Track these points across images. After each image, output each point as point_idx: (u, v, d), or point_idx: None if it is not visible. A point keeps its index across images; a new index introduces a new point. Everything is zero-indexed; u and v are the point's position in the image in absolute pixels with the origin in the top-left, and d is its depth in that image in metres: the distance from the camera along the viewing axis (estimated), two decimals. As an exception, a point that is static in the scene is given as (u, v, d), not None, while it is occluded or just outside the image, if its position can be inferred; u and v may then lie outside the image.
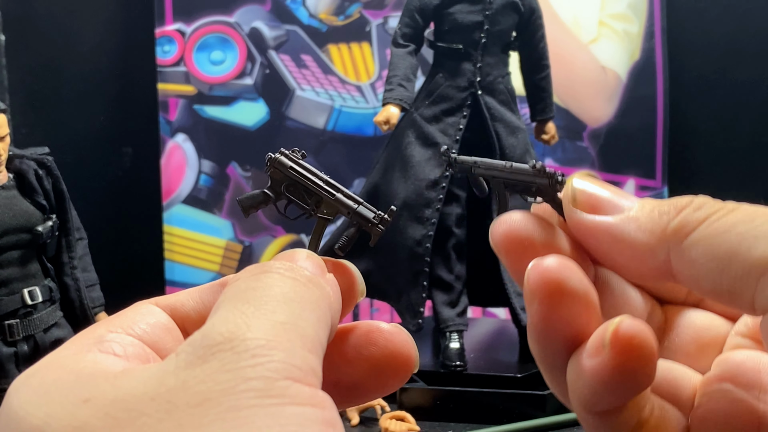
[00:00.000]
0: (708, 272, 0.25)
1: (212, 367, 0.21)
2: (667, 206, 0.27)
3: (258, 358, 0.21)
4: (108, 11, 1.80)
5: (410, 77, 1.44)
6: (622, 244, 0.27)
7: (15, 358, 1.08)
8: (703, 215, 0.25)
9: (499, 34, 1.41)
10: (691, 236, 0.25)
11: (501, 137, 1.39)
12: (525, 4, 1.40)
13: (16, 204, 1.10)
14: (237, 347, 0.21)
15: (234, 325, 0.22)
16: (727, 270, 0.24)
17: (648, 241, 0.26)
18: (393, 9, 1.82)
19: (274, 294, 0.24)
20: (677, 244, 0.26)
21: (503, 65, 1.43)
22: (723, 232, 0.25)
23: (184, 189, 1.77)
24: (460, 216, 1.42)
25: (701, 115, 1.89)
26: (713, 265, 0.25)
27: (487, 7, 1.39)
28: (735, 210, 0.25)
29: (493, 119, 1.40)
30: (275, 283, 0.24)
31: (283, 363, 0.21)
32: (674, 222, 0.26)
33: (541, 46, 1.44)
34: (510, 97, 1.42)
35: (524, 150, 1.40)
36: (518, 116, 1.43)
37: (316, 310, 0.24)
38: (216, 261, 1.78)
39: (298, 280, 0.25)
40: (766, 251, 0.23)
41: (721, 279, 0.25)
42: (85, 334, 0.25)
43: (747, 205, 0.25)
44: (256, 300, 0.23)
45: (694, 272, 0.25)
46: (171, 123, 1.77)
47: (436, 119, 1.42)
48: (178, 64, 1.76)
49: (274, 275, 0.25)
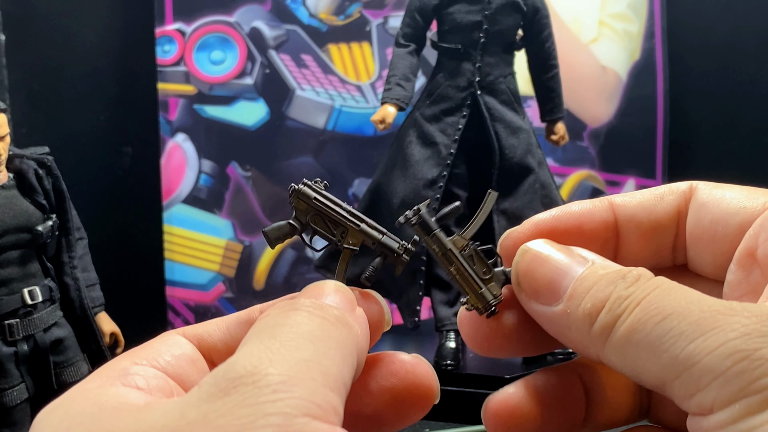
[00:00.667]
0: (630, 375, 0.26)
1: (233, 401, 0.21)
2: (590, 304, 0.26)
3: (278, 393, 0.21)
4: (108, 11, 1.80)
5: (409, 77, 1.45)
6: (560, 335, 0.28)
7: (15, 357, 1.08)
8: (612, 319, 0.26)
9: (499, 33, 1.41)
10: (607, 342, 0.26)
11: (501, 137, 1.39)
12: (528, 3, 1.39)
13: (16, 204, 1.10)
14: (258, 382, 0.21)
15: (257, 359, 0.22)
16: (642, 376, 0.25)
17: (581, 340, 0.27)
18: (393, 9, 1.82)
19: (300, 331, 0.24)
20: (600, 347, 0.26)
21: (505, 65, 1.42)
22: (625, 343, 0.25)
23: (184, 189, 1.77)
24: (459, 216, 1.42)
25: (701, 115, 1.89)
26: (630, 370, 0.25)
27: (486, 6, 1.39)
28: (634, 310, 0.25)
29: (492, 119, 1.39)
30: (303, 321, 0.24)
31: (303, 400, 0.21)
32: (595, 326, 0.26)
33: (547, 45, 1.43)
34: (513, 97, 1.42)
35: (526, 150, 1.39)
36: (522, 116, 1.42)
37: (342, 349, 0.24)
38: (216, 261, 1.78)
39: (326, 318, 0.25)
40: (659, 363, 0.24)
41: (642, 381, 0.25)
42: (111, 366, 0.25)
43: (651, 295, 0.25)
44: (282, 336, 0.23)
45: (620, 371, 0.26)
46: (171, 123, 1.76)
47: (436, 119, 1.43)
48: (178, 64, 1.76)
49: (303, 313, 0.25)
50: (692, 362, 0.23)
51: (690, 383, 0.23)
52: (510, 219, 1.37)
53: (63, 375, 1.13)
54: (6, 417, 1.07)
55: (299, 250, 1.81)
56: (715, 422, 0.22)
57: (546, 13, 1.41)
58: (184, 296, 1.77)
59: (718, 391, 0.22)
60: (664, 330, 0.24)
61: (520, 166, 1.38)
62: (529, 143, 1.40)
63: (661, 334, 0.24)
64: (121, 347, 1.25)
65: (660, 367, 0.24)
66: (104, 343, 1.20)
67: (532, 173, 1.38)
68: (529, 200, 1.38)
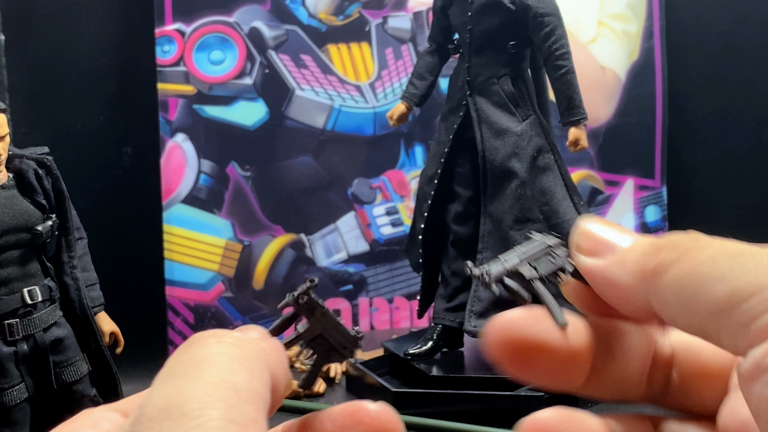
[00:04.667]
0: (680, 313, 0.26)
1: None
2: (650, 246, 0.27)
3: (196, 419, 0.21)
4: (108, 11, 1.80)
5: (424, 75, 1.49)
6: (610, 286, 0.29)
7: (15, 357, 1.08)
8: (675, 256, 0.26)
9: (484, 34, 1.38)
10: (663, 278, 0.26)
11: (484, 139, 1.37)
12: (516, 3, 1.34)
13: (16, 204, 1.10)
14: (173, 414, 0.21)
15: (166, 396, 0.22)
16: (694, 311, 0.25)
17: (631, 283, 0.27)
18: (392, 9, 1.82)
19: (200, 359, 0.24)
20: (654, 286, 0.26)
21: (499, 66, 1.38)
22: (688, 274, 0.25)
23: (184, 189, 1.77)
24: (459, 213, 1.43)
25: (700, 115, 1.90)
26: (683, 307, 0.26)
27: (469, 7, 1.39)
28: (704, 248, 0.26)
29: (479, 120, 1.38)
30: (200, 350, 0.25)
31: (221, 420, 0.21)
32: (652, 264, 0.27)
33: (547, 45, 1.35)
34: (507, 99, 1.37)
35: (510, 154, 1.35)
36: (517, 118, 1.37)
37: (247, 363, 0.24)
38: (216, 261, 1.78)
39: (223, 342, 0.25)
40: (724, 292, 0.24)
41: (690, 320, 0.25)
42: None
43: (720, 242, 0.26)
44: (183, 370, 0.23)
45: (669, 313, 0.26)
46: (171, 123, 1.77)
47: (444, 117, 1.47)
48: (178, 64, 1.77)
49: (198, 344, 0.25)
50: (764, 286, 0.23)
51: (756, 306, 0.23)
52: (494, 222, 1.37)
53: (63, 375, 1.14)
54: (6, 417, 1.07)
55: (299, 250, 1.81)
56: None
57: (543, 12, 1.34)
58: (184, 296, 1.77)
59: None
60: (738, 263, 0.24)
61: (501, 170, 1.35)
62: (517, 146, 1.34)
63: (734, 266, 0.24)
64: (120, 347, 1.25)
65: (726, 295, 0.24)
66: (104, 343, 1.20)
67: (515, 178, 1.34)
68: (510, 206, 1.34)
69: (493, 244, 1.36)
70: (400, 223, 1.84)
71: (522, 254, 0.32)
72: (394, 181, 1.84)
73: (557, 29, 1.35)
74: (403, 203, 1.84)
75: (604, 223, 0.30)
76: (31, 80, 1.75)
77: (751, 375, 0.23)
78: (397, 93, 1.81)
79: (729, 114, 1.88)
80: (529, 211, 1.33)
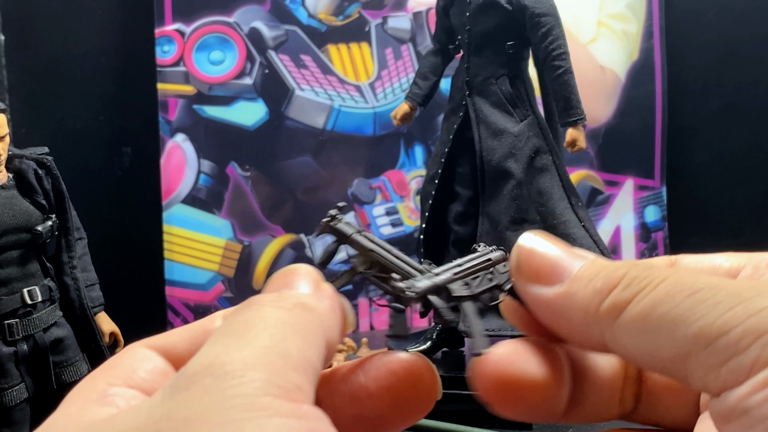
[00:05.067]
0: (640, 355, 0.25)
1: (194, 394, 0.21)
2: (601, 283, 0.26)
3: (238, 379, 0.21)
4: (108, 11, 1.80)
5: (427, 76, 1.50)
6: (559, 320, 0.27)
7: (15, 357, 1.08)
8: (629, 294, 0.25)
9: (482, 34, 1.38)
10: (618, 320, 0.25)
11: (482, 139, 1.37)
12: (513, 2, 1.34)
13: (16, 204, 1.10)
14: (216, 372, 0.21)
15: (214, 354, 0.22)
16: (656, 355, 0.24)
17: (582, 320, 0.26)
18: (392, 9, 1.82)
19: (255, 323, 0.24)
20: (608, 327, 0.25)
21: (497, 66, 1.38)
22: (645, 317, 0.24)
23: (184, 189, 1.77)
24: (460, 213, 1.43)
25: (700, 115, 1.90)
26: (642, 349, 0.24)
27: (467, 7, 1.39)
28: (658, 285, 0.24)
29: (477, 120, 1.38)
30: (257, 314, 0.25)
31: (264, 382, 0.21)
32: (605, 303, 0.25)
33: (544, 45, 1.34)
34: (505, 99, 1.37)
35: (506, 154, 1.34)
36: (514, 118, 1.37)
37: (302, 331, 0.24)
38: (215, 261, 1.78)
39: (282, 307, 0.25)
40: (686, 336, 0.23)
41: (652, 362, 0.24)
42: (86, 388, 0.25)
43: (675, 276, 0.24)
44: (237, 331, 0.24)
45: (628, 354, 0.25)
46: (170, 123, 1.77)
47: (446, 117, 1.47)
48: (178, 64, 1.77)
49: (256, 306, 0.25)
50: (730, 326, 0.22)
51: (725, 349, 0.22)
52: (491, 223, 1.37)
53: (63, 375, 1.14)
54: (6, 417, 1.07)
55: (298, 250, 1.81)
56: (756, 383, 0.21)
57: (539, 12, 1.33)
58: (184, 296, 1.77)
59: (761, 350, 0.21)
60: (696, 301, 0.23)
61: (498, 170, 1.35)
62: (513, 147, 1.34)
63: (692, 305, 0.23)
64: (120, 347, 1.25)
65: (687, 339, 0.23)
66: (104, 343, 1.20)
67: (511, 178, 1.34)
68: (506, 206, 1.34)
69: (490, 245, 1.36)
70: (400, 223, 1.84)
71: (457, 268, 0.30)
72: (394, 181, 1.84)
73: (554, 29, 1.34)
74: (403, 203, 1.84)
75: (547, 241, 0.28)
76: (31, 80, 1.75)
77: (727, 417, 0.22)
78: (397, 93, 1.81)
79: (729, 114, 1.87)
80: (526, 212, 1.33)
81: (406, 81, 1.81)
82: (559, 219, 1.31)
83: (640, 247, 1.87)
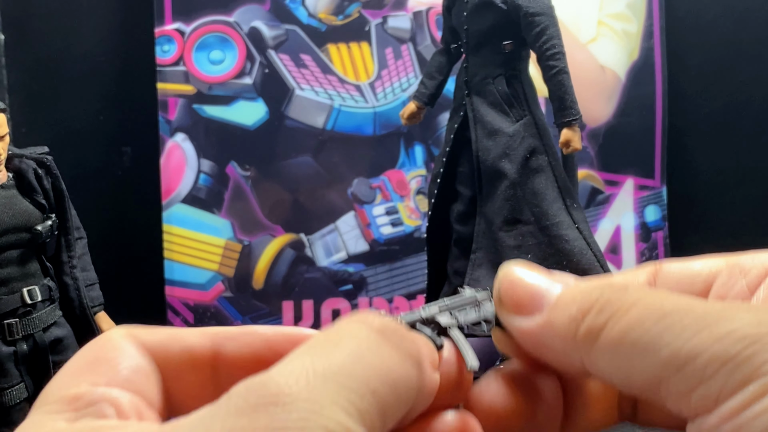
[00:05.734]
0: (618, 380, 0.25)
1: (261, 421, 0.20)
2: (575, 308, 0.26)
3: (307, 421, 0.20)
4: (108, 11, 1.80)
5: (433, 75, 1.51)
6: (542, 349, 0.27)
7: (14, 357, 1.08)
8: (603, 320, 0.25)
9: (479, 33, 1.39)
10: (594, 346, 0.25)
11: (478, 139, 1.38)
12: (508, 3, 1.34)
13: (16, 203, 1.10)
14: (289, 405, 0.21)
15: (294, 379, 0.21)
16: (631, 379, 0.24)
17: (563, 348, 0.26)
18: (392, 9, 1.82)
19: (347, 351, 0.23)
20: (586, 353, 0.25)
21: (494, 66, 1.38)
22: (617, 343, 0.24)
23: (184, 188, 1.77)
24: (461, 213, 1.44)
25: (700, 115, 1.90)
26: (618, 374, 0.25)
27: (464, 7, 1.40)
28: (629, 310, 0.24)
29: (475, 120, 1.39)
30: (351, 338, 0.23)
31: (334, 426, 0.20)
32: (580, 330, 0.25)
33: (538, 45, 1.33)
34: (502, 99, 1.37)
35: (500, 154, 1.34)
36: (510, 119, 1.37)
37: (389, 374, 0.23)
38: (215, 260, 1.78)
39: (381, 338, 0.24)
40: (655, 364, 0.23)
41: (629, 387, 0.25)
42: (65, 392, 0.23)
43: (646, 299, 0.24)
44: (326, 355, 0.22)
45: (606, 378, 0.25)
46: (170, 122, 1.77)
47: (450, 117, 1.49)
48: (178, 64, 1.77)
49: (353, 325, 0.24)
50: (697, 353, 0.22)
51: (693, 376, 0.22)
52: (486, 223, 1.37)
53: (62, 374, 1.14)
54: (5, 416, 1.07)
55: (298, 250, 1.81)
56: (723, 413, 0.21)
57: (533, 11, 1.32)
58: (184, 296, 1.77)
59: (726, 378, 0.21)
60: (665, 326, 0.23)
61: (492, 170, 1.35)
62: (508, 147, 1.34)
63: (661, 330, 0.23)
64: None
65: (658, 365, 0.23)
66: (103, 343, 1.20)
67: (505, 178, 1.34)
68: (499, 206, 1.34)
69: (486, 245, 1.36)
70: (399, 222, 1.84)
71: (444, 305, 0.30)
72: (394, 180, 1.84)
73: (548, 29, 1.32)
74: (403, 203, 1.84)
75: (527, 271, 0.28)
76: (31, 80, 1.75)
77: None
78: (397, 92, 1.81)
79: (729, 114, 1.88)
80: (520, 213, 1.33)
81: (406, 80, 1.81)
82: (552, 220, 1.31)
83: (640, 246, 1.87)
